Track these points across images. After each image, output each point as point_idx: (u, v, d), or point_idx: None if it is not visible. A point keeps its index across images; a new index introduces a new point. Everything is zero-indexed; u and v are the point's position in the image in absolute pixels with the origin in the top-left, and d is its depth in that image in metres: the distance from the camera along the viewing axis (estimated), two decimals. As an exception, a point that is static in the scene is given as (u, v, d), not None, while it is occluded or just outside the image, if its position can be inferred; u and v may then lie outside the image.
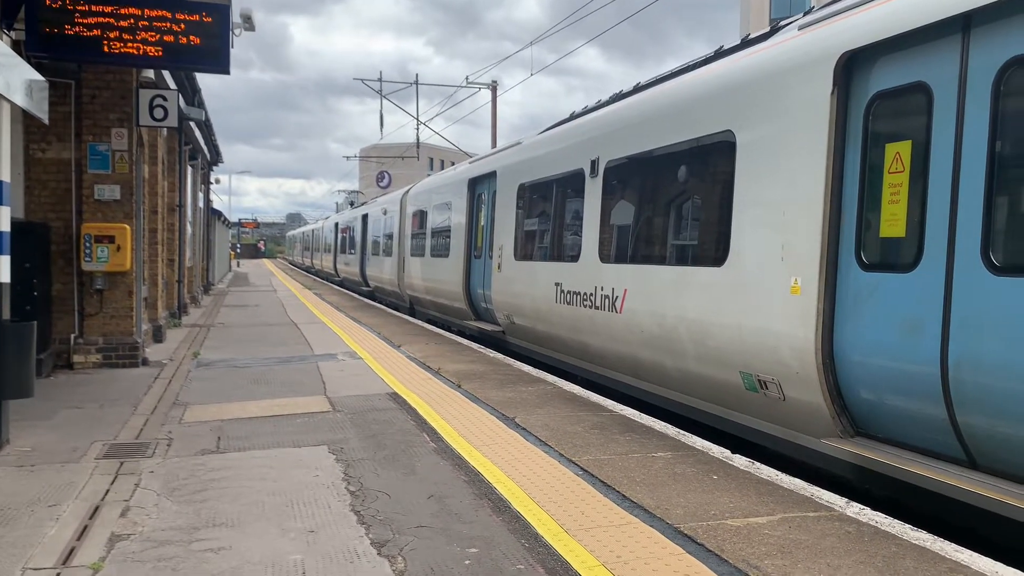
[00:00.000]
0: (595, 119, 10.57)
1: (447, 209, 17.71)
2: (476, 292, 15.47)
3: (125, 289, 10.91)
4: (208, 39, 6.86)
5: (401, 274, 22.44)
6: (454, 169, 19.15)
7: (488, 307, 14.56)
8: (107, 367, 10.75)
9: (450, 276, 16.92)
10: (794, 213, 6.34)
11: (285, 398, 8.70)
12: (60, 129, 10.53)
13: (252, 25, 10.35)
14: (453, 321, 17.51)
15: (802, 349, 6.14)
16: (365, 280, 29.87)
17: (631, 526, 4.71)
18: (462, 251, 16.14)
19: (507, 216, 13.43)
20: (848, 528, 4.66)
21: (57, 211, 10.63)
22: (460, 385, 9.40)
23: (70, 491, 5.42)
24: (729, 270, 7.12)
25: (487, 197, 15.01)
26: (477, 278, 15.39)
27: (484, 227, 15.14)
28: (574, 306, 10.29)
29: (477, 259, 15.50)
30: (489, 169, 14.82)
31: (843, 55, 5.92)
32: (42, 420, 7.54)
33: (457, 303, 16.55)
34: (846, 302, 5.93)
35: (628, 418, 7.64)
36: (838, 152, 6.00)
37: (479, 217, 15.62)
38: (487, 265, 14.60)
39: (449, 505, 5.12)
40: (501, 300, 13.49)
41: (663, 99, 8.69)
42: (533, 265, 12.15)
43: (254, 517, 4.90)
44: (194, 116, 16.13)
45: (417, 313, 21.21)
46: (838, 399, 6.02)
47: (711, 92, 7.68)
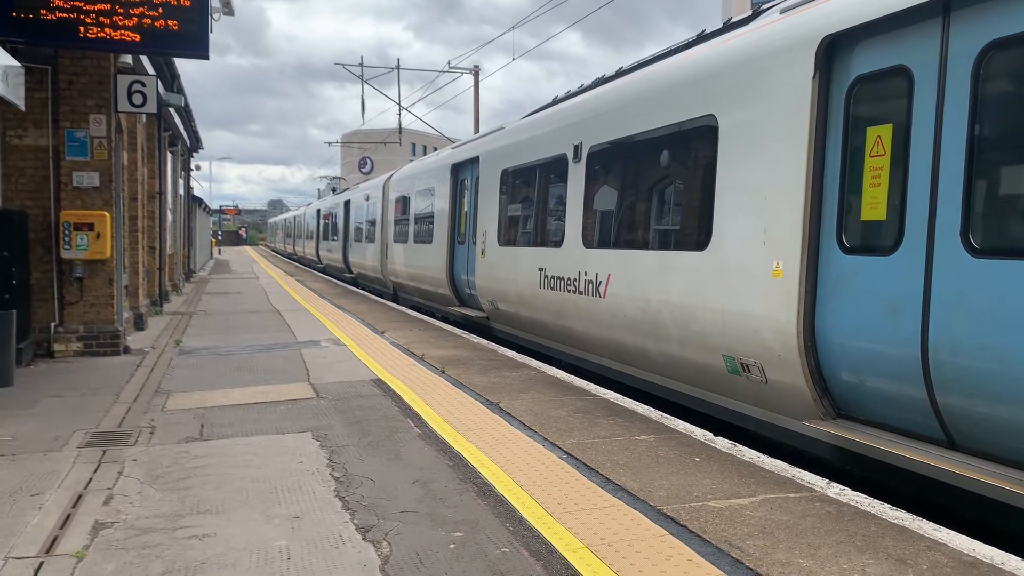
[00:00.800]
0: (578, 104, 10.53)
1: (430, 195, 17.61)
2: (460, 278, 15.42)
3: (105, 277, 10.83)
4: (186, 23, 6.79)
5: (384, 260, 22.38)
6: (437, 155, 19.05)
7: (472, 293, 14.53)
8: (88, 355, 10.68)
9: (434, 262, 16.86)
10: (776, 197, 6.36)
11: (268, 385, 8.68)
12: (37, 116, 10.39)
13: (231, 9, 10.26)
14: (437, 307, 17.44)
15: (784, 332, 6.19)
16: (348, 267, 29.76)
17: (614, 508, 4.74)
18: (445, 237, 16.05)
19: (490, 201, 13.37)
20: (828, 508, 4.72)
21: (35, 198, 10.52)
22: (444, 371, 9.41)
23: (52, 480, 5.39)
24: (711, 254, 7.14)
25: (470, 183, 14.95)
26: (461, 264, 15.33)
27: (468, 213, 15.06)
28: (558, 291, 10.29)
29: (461, 245, 15.42)
30: (472, 154, 14.78)
31: (824, 39, 5.93)
32: (23, 409, 7.49)
33: (441, 289, 16.50)
34: (827, 285, 5.96)
35: (611, 402, 7.68)
36: (819, 136, 6.01)
37: (462, 203, 15.56)
38: (471, 251, 14.53)
39: (434, 490, 5.14)
40: (485, 286, 13.47)
41: (646, 83, 8.67)
42: (517, 251, 12.14)
43: (238, 504, 4.90)
44: (173, 102, 15.98)
45: (400, 299, 21.10)
46: (820, 381, 6.07)
47: (693, 76, 7.67)
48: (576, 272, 9.77)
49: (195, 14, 6.82)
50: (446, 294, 16.18)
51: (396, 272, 20.98)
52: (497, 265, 12.94)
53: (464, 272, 15.06)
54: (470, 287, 14.64)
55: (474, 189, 14.60)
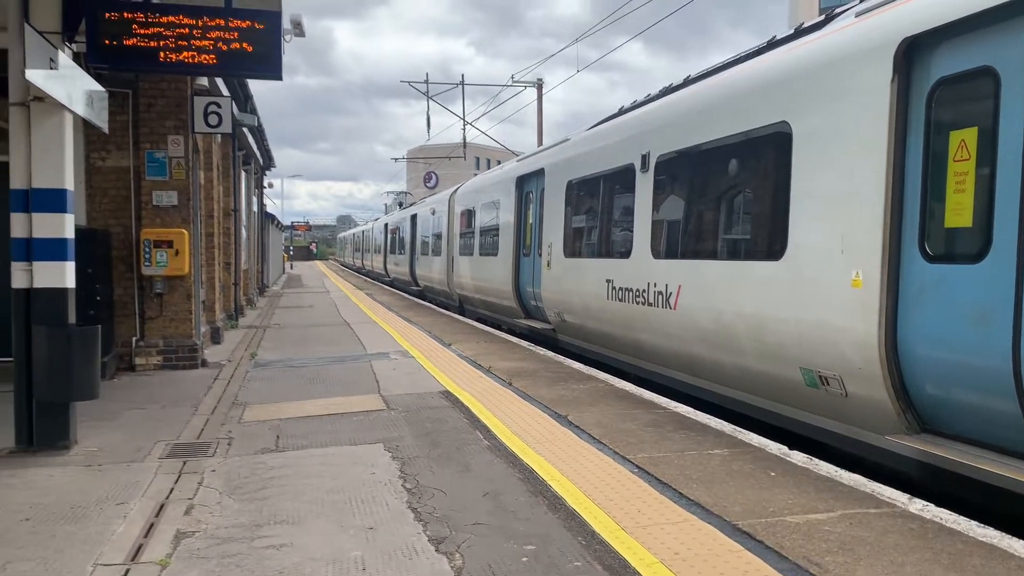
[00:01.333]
0: (645, 113, 10.44)
1: (495, 208, 17.71)
2: (526, 290, 15.40)
3: (184, 292, 11.16)
4: (260, 45, 6.96)
5: (450, 273, 22.48)
6: (501, 168, 19.14)
7: (538, 305, 14.46)
8: (167, 369, 11.02)
9: (499, 274, 16.90)
10: (854, 204, 6.19)
11: (340, 397, 8.82)
12: (119, 138, 10.80)
13: (302, 31, 10.49)
14: (503, 319, 17.47)
15: (864, 344, 6.00)
16: (415, 280, 29.99)
17: (688, 523, 4.67)
18: (511, 249, 16.07)
19: (556, 213, 13.32)
20: (911, 525, 4.57)
21: (117, 217, 10.92)
22: (511, 383, 9.42)
23: (136, 490, 5.57)
24: (787, 264, 6.99)
25: (535, 195, 14.94)
26: (527, 276, 15.30)
27: (532, 225, 15.05)
28: (626, 303, 10.15)
29: (526, 257, 15.40)
30: (537, 167, 14.76)
31: (903, 41, 5.77)
32: (107, 421, 7.76)
33: (507, 301, 16.49)
34: (910, 295, 5.77)
35: (682, 415, 7.58)
36: (899, 141, 5.83)
37: (527, 215, 15.57)
38: (536, 263, 14.49)
39: (504, 502, 5.14)
40: (551, 298, 13.38)
41: (715, 91, 8.56)
42: (583, 262, 12.04)
43: (314, 514, 4.98)
44: (247, 122, 16.43)
45: (467, 312, 21.16)
46: (903, 395, 5.87)
47: (766, 83, 7.54)
48: (645, 283, 9.63)
49: (268, 36, 7.00)
50: (512, 306, 16.18)
51: (462, 284, 21.07)
52: (563, 277, 12.86)
53: (530, 284, 15.03)
54: (536, 299, 14.59)
55: (539, 201, 14.61)
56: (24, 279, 6.59)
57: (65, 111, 6.60)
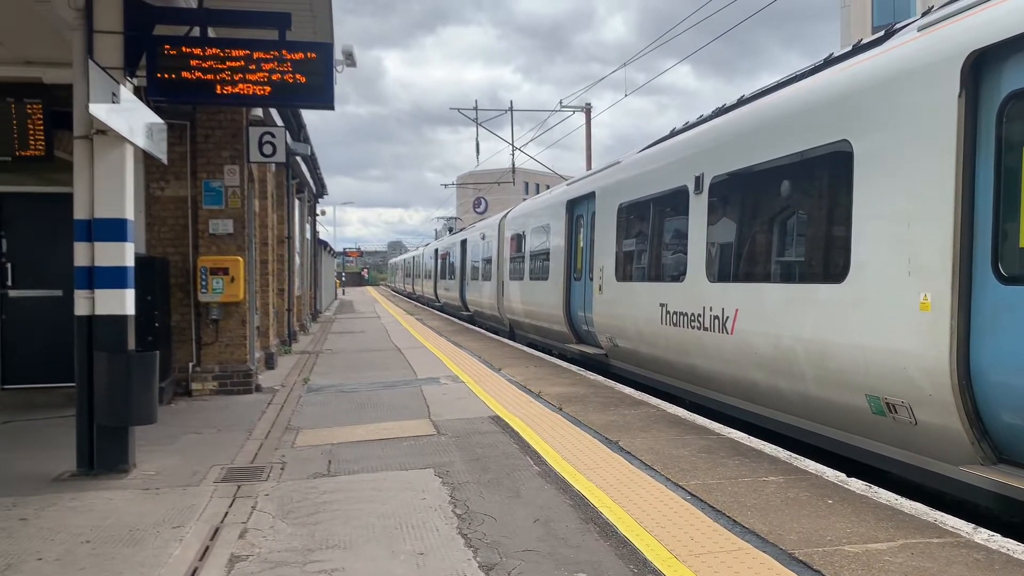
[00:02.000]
0: (698, 134, 10.32)
1: (545, 232, 17.67)
2: (577, 314, 15.27)
3: (239, 319, 11.37)
4: (313, 76, 7.11)
5: (500, 298, 22.53)
6: (551, 192, 19.04)
7: (590, 329, 14.33)
8: (223, 394, 11.21)
9: (550, 299, 16.80)
10: (921, 224, 6.01)
11: (391, 421, 8.87)
12: (177, 168, 11.11)
13: (353, 61, 10.72)
14: (553, 344, 17.33)
15: (935, 370, 5.77)
16: (465, 304, 30.15)
17: (743, 552, 4.57)
18: (562, 273, 15.98)
19: (607, 237, 13.22)
20: (977, 556, 4.41)
21: (175, 245, 11.20)
22: (561, 408, 9.37)
23: (192, 513, 5.66)
24: (850, 286, 6.80)
25: (586, 218, 14.87)
26: (578, 300, 15.19)
27: (583, 248, 14.98)
28: (681, 327, 9.97)
29: (577, 281, 15.30)
30: (587, 190, 14.70)
31: (970, 55, 5.60)
32: (165, 445, 7.91)
33: (557, 326, 16.38)
34: (983, 318, 5.53)
35: (736, 441, 7.45)
36: (968, 158, 5.65)
37: (578, 239, 15.48)
38: (587, 287, 14.38)
39: (555, 529, 5.10)
40: (603, 322, 13.27)
41: (771, 111, 8.42)
42: (635, 286, 11.93)
43: (365, 539, 5.00)
44: (300, 151, 16.76)
45: (517, 337, 21.14)
46: (977, 423, 5.62)
47: (824, 101, 7.40)
48: (700, 307, 9.45)
49: (320, 66, 7.15)
50: (563, 331, 16.04)
51: (512, 309, 21.06)
52: (615, 301, 12.74)
53: (581, 308, 14.90)
54: (587, 323, 14.43)
55: (590, 225, 14.51)
56: (86, 306, 6.79)
57: (127, 143, 6.81)
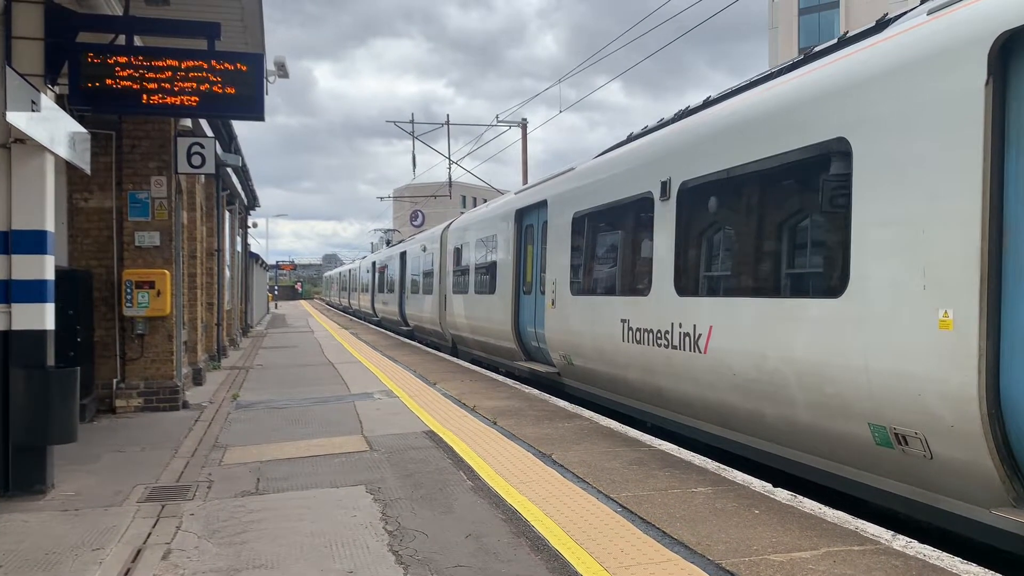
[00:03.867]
0: (663, 137, 9.58)
1: (492, 243, 16.83)
2: (526, 330, 14.52)
3: (165, 333, 11.08)
4: (243, 87, 7.01)
5: (443, 312, 21.67)
6: (498, 201, 18.25)
7: (540, 346, 13.64)
8: (148, 411, 10.89)
9: (497, 314, 16.00)
10: (939, 231, 5.28)
11: (323, 438, 8.74)
12: (101, 179, 10.80)
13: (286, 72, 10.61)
14: (500, 362, 16.60)
15: (957, 397, 5.08)
16: (404, 319, 29.30)
17: (672, 563, 4.63)
18: (510, 287, 15.19)
19: (561, 248, 12.44)
20: (895, 562, 4.55)
21: (99, 258, 10.88)
22: (496, 422, 9.37)
23: (113, 535, 5.48)
24: (850, 301, 6.07)
25: (537, 229, 14.14)
26: (527, 315, 14.48)
27: (534, 261, 14.26)
28: (645, 345, 9.24)
29: (527, 295, 14.56)
30: (538, 199, 13.96)
31: (999, 37, 4.92)
32: (85, 464, 7.65)
33: (505, 342, 15.59)
34: (1016, 338, 4.85)
35: (667, 453, 7.55)
36: (996, 153, 4.97)
37: (527, 251, 14.74)
38: (539, 301, 13.68)
39: (487, 544, 5.09)
40: (556, 339, 12.51)
41: (750, 110, 7.71)
42: (593, 300, 11.19)
43: (293, 558, 4.91)
44: (231, 162, 16.46)
45: (460, 353, 20.34)
46: (1008, 458, 4.94)
47: (816, 95, 6.68)
48: (668, 324, 8.68)
49: (251, 78, 7.05)
50: (511, 347, 15.30)
51: (455, 324, 20.22)
52: (569, 316, 11.96)
53: (531, 324, 14.21)
54: (538, 340, 13.72)
55: (541, 236, 13.75)
56: (3, 321, 6.54)
57: (47, 153, 6.61)
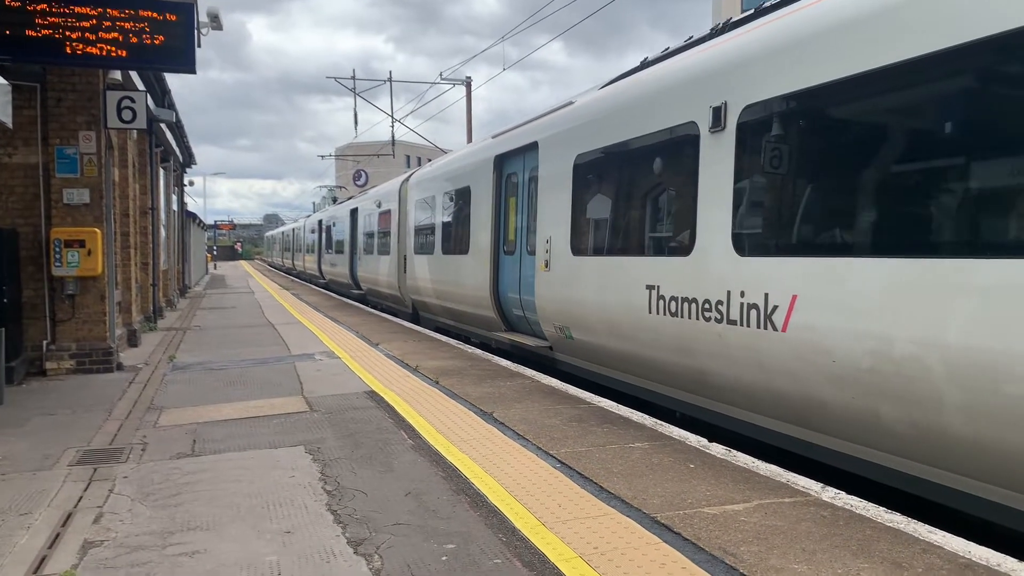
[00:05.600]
0: (715, 51, 7.41)
1: (464, 196, 14.63)
2: (507, 296, 12.53)
3: (97, 294, 10.78)
4: (173, 38, 6.78)
5: (402, 275, 19.46)
6: (471, 147, 15.88)
7: (527, 316, 11.73)
8: (81, 373, 10.63)
9: (471, 278, 13.86)
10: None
11: (261, 399, 8.63)
12: (26, 133, 10.37)
13: (220, 24, 10.23)
14: (473, 331, 14.69)
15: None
16: (356, 283, 27.07)
17: (608, 517, 4.71)
18: (488, 247, 13.09)
19: (557, 199, 10.36)
20: (823, 513, 4.69)
21: (25, 216, 10.49)
22: (438, 382, 9.37)
23: (42, 499, 5.35)
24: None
25: (522, 178, 12.03)
26: (509, 279, 12.45)
27: (519, 216, 12.21)
28: (682, 318, 7.41)
29: (509, 256, 12.49)
30: (525, 141, 11.66)
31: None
32: (13, 428, 7.44)
33: (481, 310, 13.57)
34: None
35: (606, 410, 7.65)
36: None
37: (509, 204, 12.65)
38: (525, 263, 11.69)
39: (426, 502, 5.10)
40: (550, 308, 10.50)
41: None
42: (604, 263, 9.10)
43: (229, 519, 4.86)
44: (164, 118, 15.98)
45: (423, 321, 18.31)
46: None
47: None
48: (721, 292, 6.93)
49: (181, 29, 6.81)
50: (488, 316, 13.29)
51: (418, 289, 17.90)
52: (570, 281, 9.95)
53: (513, 289, 12.21)
54: (524, 308, 11.78)
55: (528, 185, 11.70)
56: (-81, 281, 6.27)
57: (-38, 104, 6.31)
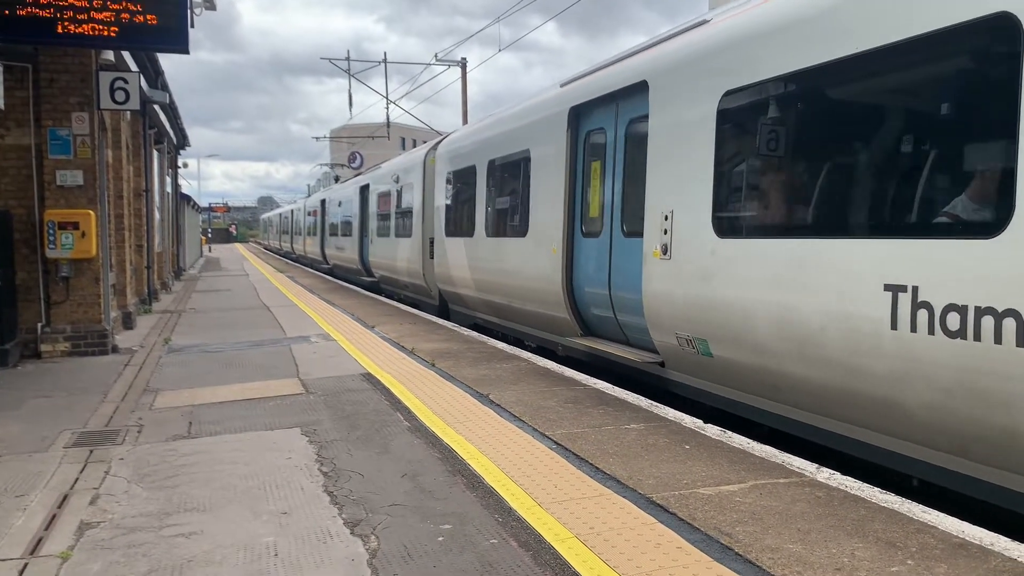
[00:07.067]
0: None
1: (518, 164, 11.67)
2: (585, 291, 9.75)
3: (92, 276, 10.75)
4: (165, 18, 6.72)
5: (427, 262, 16.81)
6: (527, 103, 12.16)
7: (616, 317, 9.09)
8: (76, 355, 10.61)
9: (530, 267, 10.99)
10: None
11: (257, 381, 8.63)
12: (19, 114, 10.29)
13: (213, 4, 10.16)
14: (528, 333, 11.94)
15: None
16: (367, 269, 24.24)
17: (604, 498, 4.72)
18: (558, 226, 10.16)
19: (686, 158, 7.41)
20: (818, 493, 4.71)
21: (19, 198, 10.43)
22: (434, 364, 9.37)
23: (38, 481, 5.35)
24: None
25: (614, 133, 9.15)
26: (590, 268, 9.62)
27: (608, 184, 9.28)
28: (980, 342, 4.57)
29: (590, 238, 9.67)
30: (623, 83, 8.72)
31: None
32: (9, 410, 7.43)
33: (546, 308, 10.69)
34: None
35: (602, 391, 7.66)
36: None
37: (592, 170, 9.72)
38: (619, 247, 8.94)
39: (423, 483, 5.11)
40: (671, 310, 7.62)
41: None
42: (791, 248, 6.13)
43: (226, 501, 4.86)
44: (157, 99, 15.87)
45: (454, 315, 15.64)
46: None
47: None
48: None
49: (173, 8, 6.76)
50: (556, 316, 10.44)
51: (450, 278, 14.99)
52: (711, 273, 7.00)
53: (597, 282, 9.40)
54: (615, 308, 9.04)
55: (625, 143, 8.88)
56: (-88, 263, 6.24)
57: (-47, 85, 6.25)
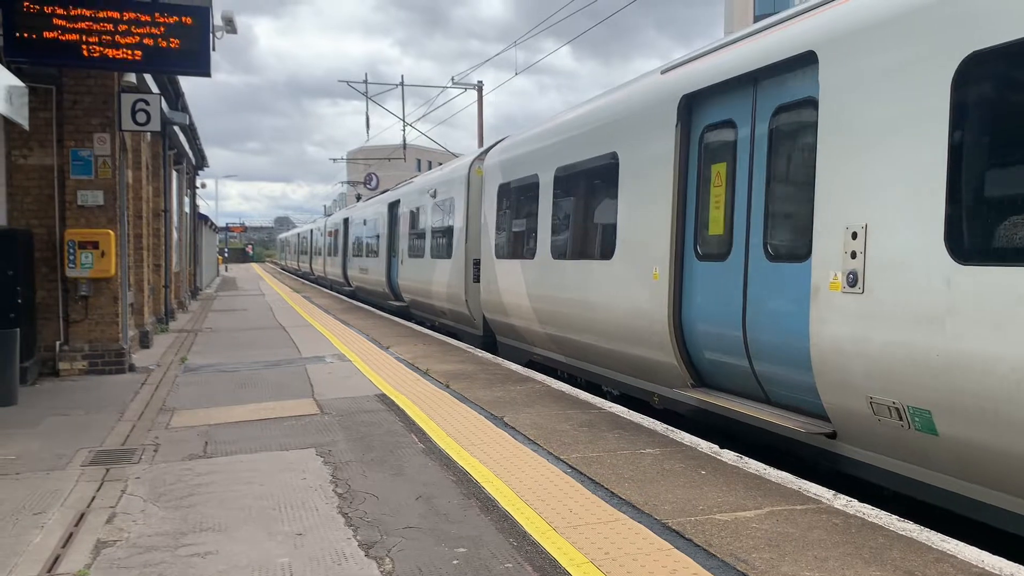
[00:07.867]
0: None
1: (600, 172, 9.68)
2: (698, 330, 7.69)
3: (110, 295, 10.84)
4: (188, 41, 6.83)
5: (470, 286, 14.95)
6: (610, 96, 9.99)
7: (752, 367, 6.97)
8: (93, 374, 10.68)
9: (623, 296, 8.86)
10: None
11: (273, 401, 8.66)
12: (42, 135, 10.45)
13: (234, 28, 10.29)
14: (610, 378, 9.74)
15: None
16: (395, 292, 22.12)
17: (619, 523, 4.70)
18: (663, 246, 8.09)
19: (891, 149, 5.32)
20: (835, 520, 4.67)
21: (40, 217, 10.56)
22: (448, 385, 9.38)
23: (55, 498, 5.38)
24: None
25: (749, 128, 7.08)
26: (709, 301, 7.54)
27: (742, 193, 7.15)
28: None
29: (709, 262, 7.58)
30: (777, 56, 6.56)
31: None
32: (27, 428, 7.48)
33: (640, 349, 8.59)
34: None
35: (616, 415, 7.64)
36: None
37: (711, 175, 7.65)
38: (757, 274, 6.92)
39: (437, 505, 5.11)
40: (865, 366, 5.46)
41: None
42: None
43: (241, 521, 4.87)
44: (177, 120, 16.06)
45: (503, 349, 13.66)
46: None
47: None
48: None
49: (196, 32, 6.86)
50: (657, 360, 8.30)
51: (502, 307, 13.00)
52: (950, 317, 4.80)
53: (718, 320, 7.37)
54: (751, 354, 6.93)
55: (771, 139, 6.80)
56: (-64, 281, 6.32)
57: (-20, 106, 6.36)
